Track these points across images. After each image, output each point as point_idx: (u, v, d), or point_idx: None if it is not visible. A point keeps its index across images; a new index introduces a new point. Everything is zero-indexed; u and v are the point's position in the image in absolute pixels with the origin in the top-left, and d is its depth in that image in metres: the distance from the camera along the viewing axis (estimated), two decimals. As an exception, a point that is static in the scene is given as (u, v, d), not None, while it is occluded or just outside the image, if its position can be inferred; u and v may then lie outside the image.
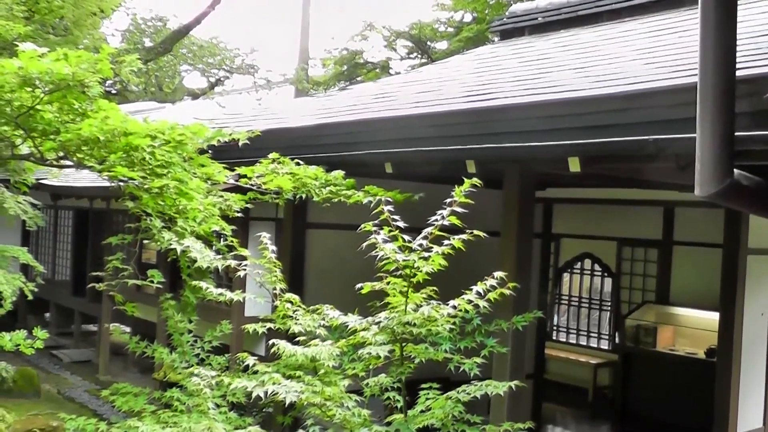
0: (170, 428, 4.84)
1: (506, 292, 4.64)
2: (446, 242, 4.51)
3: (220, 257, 5.50)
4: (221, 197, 6.21)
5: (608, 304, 13.45)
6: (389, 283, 4.62)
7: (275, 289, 5.19)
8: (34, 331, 6.98)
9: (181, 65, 22.09)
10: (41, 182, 13.99)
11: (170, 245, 5.30)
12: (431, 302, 4.63)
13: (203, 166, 5.86)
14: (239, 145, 6.19)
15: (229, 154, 6.67)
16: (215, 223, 5.79)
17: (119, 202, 6.33)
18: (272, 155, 6.40)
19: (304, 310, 5.13)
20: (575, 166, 5.52)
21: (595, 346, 13.64)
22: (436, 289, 4.67)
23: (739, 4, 3.25)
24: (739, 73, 3.32)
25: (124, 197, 5.66)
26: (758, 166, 3.94)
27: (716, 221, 7.49)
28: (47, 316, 18.79)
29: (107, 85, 17.37)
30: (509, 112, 5.88)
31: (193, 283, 5.52)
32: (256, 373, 4.71)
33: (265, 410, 6.37)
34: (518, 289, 5.03)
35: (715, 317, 7.66)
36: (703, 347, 11.11)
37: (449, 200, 4.55)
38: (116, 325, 7.67)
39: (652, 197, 10.52)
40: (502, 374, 6.22)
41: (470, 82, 8.22)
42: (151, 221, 5.45)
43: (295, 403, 4.40)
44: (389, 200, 4.80)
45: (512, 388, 4.86)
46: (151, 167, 5.36)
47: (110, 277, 5.72)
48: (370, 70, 26.60)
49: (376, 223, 4.57)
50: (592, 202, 11.59)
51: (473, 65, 9.94)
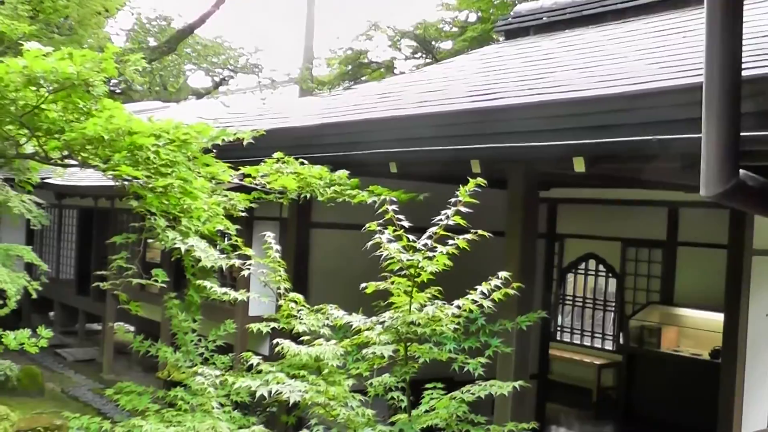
0: (174, 427, 4.84)
1: (510, 292, 4.64)
2: (451, 242, 4.51)
3: (224, 256, 5.49)
4: (225, 196, 6.21)
5: (612, 304, 13.43)
6: (393, 282, 4.62)
7: (279, 288, 5.19)
8: (38, 329, 6.98)
9: (185, 65, 22.07)
10: (45, 181, 13.99)
11: (174, 244, 5.30)
12: (435, 302, 4.64)
13: (208, 165, 5.86)
14: (244, 144, 6.19)
15: (233, 153, 6.66)
16: (219, 222, 5.79)
17: (123, 201, 6.34)
18: (277, 155, 6.40)
19: (308, 309, 5.13)
20: (580, 166, 5.52)
21: (599, 346, 13.63)
22: (440, 288, 4.67)
23: (745, 4, 3.24)
24: (744, 73, 3.31)
25: (128, 196, 5.66)
26: (764, 166, 3.93)
27: (721, 222, 7.47)
28: (51, 314, 18.81)
29: (112, 84, 17.36)
30: (514, 112, 5.87)
31: (197, 282, 5.52)
32: (260, 372, 4.71)
33: (269, 410, 6.36)
34: (522, 289, 5.01)
35: (719, 318, 7.65)
36: (707, 348, 11.10)
37: (454, 200, 4.55)
38: (120, 324, 7.64)
39: (656, 198, 10.50)
40: (506, 374, 6.22)
41: (475, 81, 8.21)
42: (155, 220, 5.45)
43: (299, 402, 4.40)
44: (394, 200, 4.79)
45: (516, 388, 4.85)
46: (155, 166, 5.36)
47: (114, 276, 5.72)
48: (374, 69, 26.57)
49: (380, 222, 4.57)
50: (596, 202, 11.57)
51: (478, 65, 9.93)
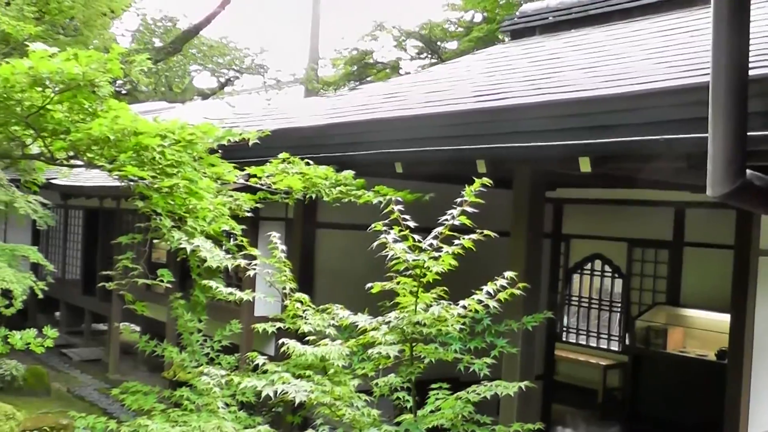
0: (180, 427, 4.84)
1: (516, 292, 4.63)
2: (456, 242, 4.50)
3: (229, 257, 5.49)
4: (231, 197, 6.22)
5: (618, 305, 13.40)
6: (399, 282, 4.61)
7: (285, 288, 5.18)
8: (44, 329, 7.00)
9: (190, 65, 22.08)
10: (51, 182, 14.04)
11: (180, 245, 5.31)
12: (441, 302, 4.63)
13: (213, 165, 5.87)
14: (249, 144, 6.19)
15: (239, 153, 6.67)
16: (225, 222, 5.79)
17: (129, 201, 6.34)
18: (282, 155, 6.40)
19: (313, 309, 5.12)
20: (586, 166, 5.51)
21: (605, 347, 13.59)
22: (446, 289, 4.66)
23: (752, 3, 3.22)
24: (751, 72, 3.29)
25: (134, 197, 5.66)
26: (771, 166, 3.91)
27: (727, 222, 7.45)
28: (57, 315, 18.85)
29: (117, 85, 17.39)
30: (519, 111, 5.87)
31: (202, 282, 5.52)
32: (265, 372, 4.71)
33: (274, 410, 6.36)
34: (528, 289, 5.01)
35: (726, 319, 7.62)
36: (713, 349, 11.07)
37: (459, 200, 4.54)
38: (126, 324, 7.69)
39: (662, 198, 10.48)
40: (511, 375, 6.21)
41: (480, 81, 8.20)
42: (161, 221, 5.46)
43: (304, 402, 4.40)
44: (399, 200, 4.79)
45: (522, 388, 4.85)
46: (161, 167, 5.36)
47: (120, 276, 5.73)
48: (380, 70, 26.58)
49: (386, 222, 4.56)
50: (602, 202, 11.56)
51: (484, 65, 9.92)
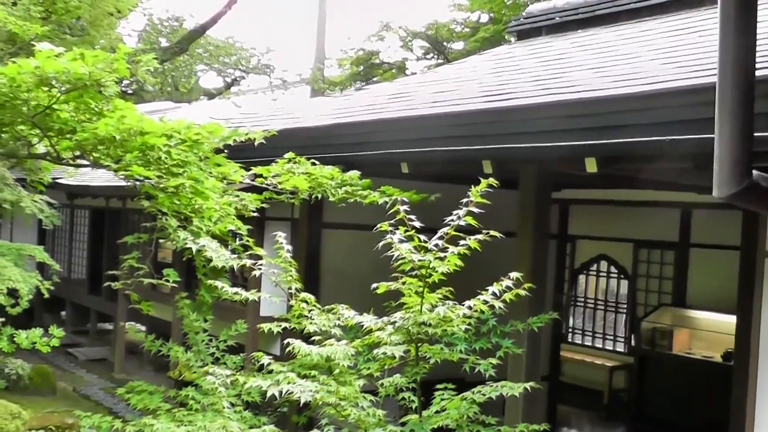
0: (185, 427, 4.85)
1: (522, 293, 4.63)
2: (462, 242, 4.50)
3: (235, 256, 5.49)
4: (237, 197, 6.22)
5: (624, 306, 13.39)
6: (405, 283, 4.61)
7: (290, 288, 5.18)
8: (50, 329, 7.01)
9: (197, 65, 22.10)
10: (57, 181, 14.06)
11: (186, 244, 5.31)
12: (447, 302, 4.62)
13: (219, 165, 5.87)
14: (255, 144, 6.19)
15: (245, 153, 6.67)
16: (231, 222, 5.79)
17: (135, 201, 6.35)
18: (288, 155, 6.40)
19: (319, 309, 5.12)
20: (592, 166, 5.50)
21: (610, 348, 13.58)
22: (451, 289, 4.66)
23: (759, 4, 3.22)
24: (758, 73, 3.29)
25: (139, 196, 5.67)
26: (777, 167, 3.90)
27: (734, 223, 7.43)
28: (63, 314, 18.88)
29: (123, 85, 17.40)
30: (526, 112, 5.86)
31: (208, 282, 5.52)
32: (271, 372, 4.71)
33: (279, 410, 6.36)
34: (534, 290, 5.00)
35: (732, 320, 7.60)
36: (719, 351, 11.05)
37: (465, 200, 4.53)
38: (132, 323, 7.69)
39: (669, 199, 10.46)
40: (517, 375, 6.20)
41: (487, 82, 8.20)
42: (166, 220, 5.46)
43: (309, 402, 4.39)
44: (405, 200, 4.79)
45: (527, 389, 4.84)
46: (167, 166, 5.37)
47: (126, 275, 5.74)
48: (386, 70, 26.55)
49: (392, 223, 4.56)
50: (608, 203, 11.54)
51: (490, 65, 9.92)
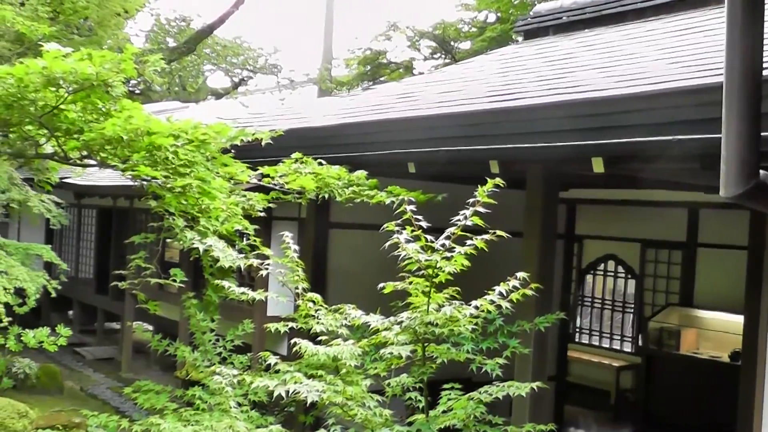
0: (192, 426, 4.86)
1: (529, 293, 4.63)
2: (469, 242, 4.50)
3: (242, 256, 5.50)
4: (244, 197, 6.23)
5: (631, 306, 13.35)
6: (411, 283, 4.61)
7: (297, 288, 5.19)
8: (57, 328, 7.05)
9: (204, 65, 22.11)
10: (65, 181, 14.08)
11: (193, 244, 5.32)
12: (453, 302, 4.63)
13: (226, 165, 5.88)
14: (262, 144, 6.19)
15: (252, 153, 6.67)
16: (238, 222, 5.80)
17: (142, 201, 6.36)
18: (295, 155, 6.40)
19: (326, 309, 5.13)
20: (599, 166, 5.49)
21: (617, 348, 13.54)
22: (458, 289, 4.66)
23: (766, 3, 3.21)
24: (765, 73, 3.28)
25: (147, 196, 5.68)
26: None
27: (741, 223, 7.41)
28: (70, 313, 18.91)
29: (131, 85, 17.42)
30: (533, 112, 5.85)
31: (215, 282, 5.53)
32: (278, 372, 4.72)
33: (286, 409, 6.38)
34: (541, 290, 4.99)
35: (739, 320, 7.58)
36: (727, 351, 11.02)
37: (472, 200, 4.53)
38: (139, 323, 7.70)
39: (676, 198, 10.44)
40: (524, 375, 6.20)
41: (494, 81, 8.19)
42: (173, 220, 5.47)
43: (316, 402, 4.40)
44: (412, 200, 4.79)
45: (534, 389, 4.84)
46: (174, 166, 5.38)
47: (133, 275, 5.75)
48: (393, 70, 26.55)
49: (398, 223, 4.57)
50: (615, 203, 11.53)
51: (497, 65, 9.91)
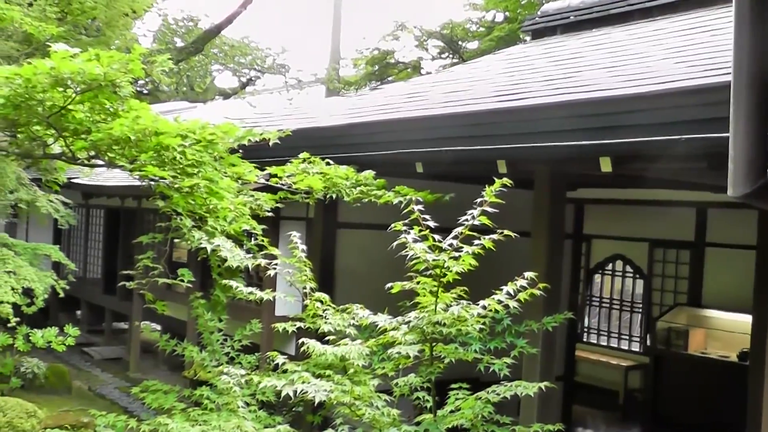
0: (200, 426, 4.87)
1: (536, 292, 4.62)
2: (476, 242, 4.49)
3: (250, 256, 5.51)
4: (252, 196, 6.23)
5: (639, 306, 13.34)
6: (419, 282, 4.61)
7: (305, 288, 5.19)
8: (65, 328, 7.07)
9: (212, 65, 22.17)
10: (72, 181, 14.12)
11: (200, 244, 5.33)
12: (461, 302, 4.62)
13: (234, 165, 5.88)
14: (270, 144, 6.19)
15: (259, 153, 6.68)
16: (246, 222, 5.81)
17: (150, 201, 6.37)
18: (303, 155, 6.41)
19: (334, 309, 5.13)
20: (606, 166, 5.48)
21: (626, 348, 13.54)
22: (466, 289, 4.66)
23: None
24: (774, 72, 3.28)
25: (154, 196, 5.69)
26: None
27: (750, 222, 7.40)
28: (78, 313, 18.96)
29: (139, 85, 17.49)
30: (539, 111, 5.85)
31: (223, 282, 5.54)
32: (285, 372, 4.72)
33: (294, 409, 6.38)
34: (549, 289, 5.00)
35: (748, 320, 7.56)
36: (735, 350, 11.00)
37: (480, 200, 4.53)
38: (147, 323, 7.72)
39: (684, 198, 10.42)
40: (532, 375, 6.19)
41: (501, 81, 8.18)
42: (181, 220, 5.48)
43: (324, 402, 4.40)
44: (419, 200, 4.79)
45: (542, 389, 4.83)
46: (181, 166, 5.38)
47: (141, 275, 5.77)
48: (401, 70, 26.53)
49: (406, 222, 4.57)
50: (623, 203, 11.52)
51: (504, 65, 9.90)
